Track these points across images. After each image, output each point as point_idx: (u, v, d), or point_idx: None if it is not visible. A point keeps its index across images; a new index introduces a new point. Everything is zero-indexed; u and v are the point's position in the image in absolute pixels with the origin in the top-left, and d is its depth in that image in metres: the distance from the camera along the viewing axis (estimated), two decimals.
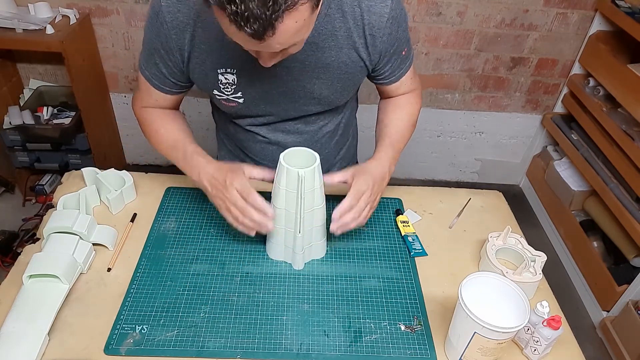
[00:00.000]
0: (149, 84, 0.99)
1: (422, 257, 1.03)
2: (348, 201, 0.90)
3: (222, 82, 0.94)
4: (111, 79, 2.31)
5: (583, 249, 2.13)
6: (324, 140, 1.12)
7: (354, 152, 1.32)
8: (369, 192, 0.92)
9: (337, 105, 1.04)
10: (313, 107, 1.01)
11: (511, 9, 2.13)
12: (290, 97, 0.98)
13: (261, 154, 1.12)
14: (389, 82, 1.05)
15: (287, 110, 1.01)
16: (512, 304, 0.79)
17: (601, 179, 2.01)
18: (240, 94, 0.96)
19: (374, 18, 0.90)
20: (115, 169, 1.11)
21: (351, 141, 1.26)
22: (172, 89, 1.00)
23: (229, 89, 0.95)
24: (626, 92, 1.91)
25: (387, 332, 0.87)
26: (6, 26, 1.87)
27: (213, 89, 0.96)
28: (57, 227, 0.95)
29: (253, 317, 0.88)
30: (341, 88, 0.98)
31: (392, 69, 1.01)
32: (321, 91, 0.97)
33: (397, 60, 1.00)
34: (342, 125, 1.14)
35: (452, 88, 2.38)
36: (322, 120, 1.08)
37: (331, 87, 0.97)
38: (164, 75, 0.96)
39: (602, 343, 1.94)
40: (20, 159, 2.15)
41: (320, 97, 0.98)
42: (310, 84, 0.95)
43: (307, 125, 1.07)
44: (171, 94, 1.01)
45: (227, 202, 0.89)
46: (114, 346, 0.82)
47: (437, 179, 2.72)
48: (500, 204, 1.19)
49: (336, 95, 1.00)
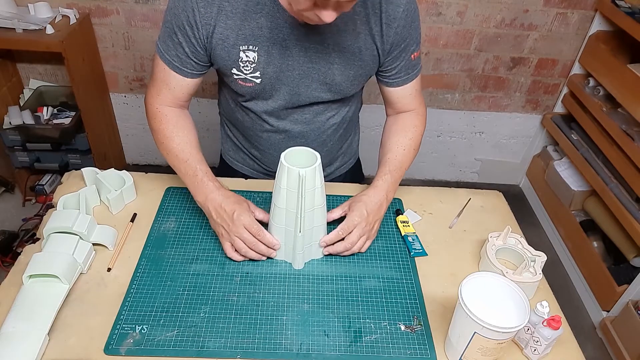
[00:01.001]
0: (169, 67, 0.98)
1: (422, 257, 1.03)
2: (335, 232, 0.97)
3: (243, 59, 0.95)
4: (111, 79, 2.31)
5: (583, 249, 2.13)
6: (329, 132, 1.13)
7: (356, 149, 1.33)
8: (363, 223, 0.97)
9: (346, 95, 1.05)
10: (324, 95, 1.03)
11: (511, 9, 2.13)
12: (305, 80, 0.99)
13: (267, 144, 1.13)
14: (396, 84, 1.06)
15: (299, 95, 1.02)
16: (512, 304, 0.79)
17: (601, 179, 2.01)
18: (259, 74, 0.97)
19: (391, 7, 0.94)
20: (115, 169, 1.11)
21: (353, 137, 1.27)
22: (193, 71, 0.99)
23: (248, 68, 0.96)
24: (626, 92, 1.91)
25: (387, 332, 0.87)
26: (6, 26, 1.87)
27: (232, 67, 0.96)
28: (57, 227, 0.95)
29: (253, 317, 0.88)
30: (353, 76, 1.00)
31: (400, 68, 1.03)
32: (334, 77, 0.99)
33: (407, 60, 1.03)
34: (347, 120, 1.15)
35: (452, 88, 2.38)
36: (330, 112, 1.09)
37: (344, 73, 0.99)
38: (186, 55, 0.96)
39: (602, 343, 1.94)
40: (20, 159, 2.15)
41: (332, 84, 1.00)
42: (326, 68, 0.97)
43: (315, 116, 1.08)
44: (191, 77, 1.00)
45: (232, 234, 0.94)
46: (114, 346, 0.82)
47: (437, 179, 2.72)
48: (500, 204, 1.19)
49: (347, 84, 1.01)
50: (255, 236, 0.94)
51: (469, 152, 2.62)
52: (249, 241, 0.94)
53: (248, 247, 0.95)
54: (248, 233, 0.94)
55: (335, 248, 0.97)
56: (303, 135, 1.10)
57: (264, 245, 0.95)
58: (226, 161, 1.28)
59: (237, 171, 1.26)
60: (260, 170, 1.24)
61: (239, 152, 1.24)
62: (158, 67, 1.00)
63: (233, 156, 1.26)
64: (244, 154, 1.23)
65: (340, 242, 0.97)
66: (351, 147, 1.28)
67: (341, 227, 0.97)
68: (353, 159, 1.32)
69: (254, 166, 1.24)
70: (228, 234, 0.95)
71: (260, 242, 0.94)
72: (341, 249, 0.97)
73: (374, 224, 1.00)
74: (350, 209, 0.99)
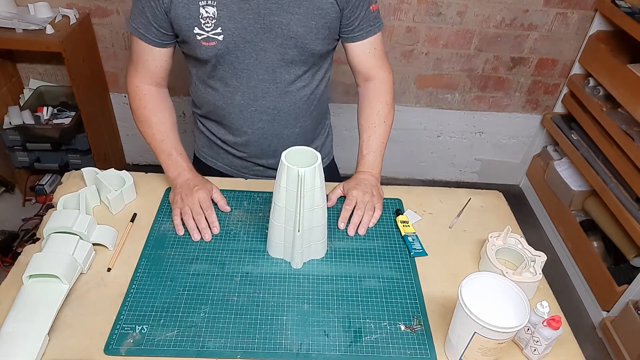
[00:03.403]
0: (136, 36, 1.04)
1: (422, 257, 1.03)
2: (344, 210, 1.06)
3: (203, 16, 0.98)
4: (111, 79, 2.31)
5: (583, 249, 2.13)
6: (301, 105, 1.14)
7: (330, 149, 1.36)
8: (360, 193, 1.08)
9: (313, 51, 1.06)
10: (290, 51, 1.04)
11: (511, 9, 2.13)
12: (269, 34, 1.01)
13: (239, 121, 1.15)
14: (357, 39, 1.09)
15: (265, 51, 1.03)
16: (512, 304, 0.79)
17: (601, 179, 2.01)
18: (220, 29, 0.99)
19: None
20: (115, 169, 1.11)
21: (327, 136, 1.32)
22: (156, 39, 1.03)
23: (209, 24, 0.98)
24: (626, 92, 1.91)
25: (387, 332, 0.87)
26: (6, 26, 1.88)
27: (195, 25, 0.99)
28: (57, 227, 0.95)
29: (253, 317, 0.88)
30: (316, 28, 1.02)
31: (360, 19, 1.06)
32: (297, 29, 1.01)
33: (366, 11, 1.05)
34: (318, 94, 1.17)
35: (452, 88, 2.38)
36: (300, 83, 1.11)
37: (307, 24, 1.01)
38: (149, 21, 1.00)
39: (602, 343, 1.94)
40: (20, 159, 2.15)
41: (297, 37, 1.02)
42: (287, 20, 0.99)
43: (286, 86, 1.09)
44: (158, 46, 1.05)
45: (185, 202, 1.04)
46: (114, 346, 0.82)
47: (437, 179, 2.72)
48: (500, 204, 1.19)
49: (312, 37, 1.03)
50: (203, 210, 1.03)
51: (469, 152, 2.62)
52: (195, 211, 1.03)
53: (191, 216, 1.02)
54: (198, 205, 1.03)
55: (353, 220, 1.05)
56: (275, 108, 1.12)
57: (206, 221, 1.02)
58: (200, 159, 1.30)
59: (211, 167, 1.28)
60: (234, 166, 1.26)
61: (213, 147, 1.25)
62: (132, 41, 1.06)
63: (207, 152, 1.28)
64: (218, 147, 1.24)
65: (355, 214, 1.06)
66: (325, 148, 1.32)
67: (345, 205, 1.07)
68: (327, 158, 1.35)
69: (227, 160, 1.25)
70: (182, 201, 1.04)
71: (204, 217, 1.02)
72: (357, 219, 1.05)
73: (372, 190, 1.09)
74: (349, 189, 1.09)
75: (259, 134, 1.16)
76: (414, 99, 2.39)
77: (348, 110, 2.37)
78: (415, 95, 2.38)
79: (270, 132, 1.16)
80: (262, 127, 1.15)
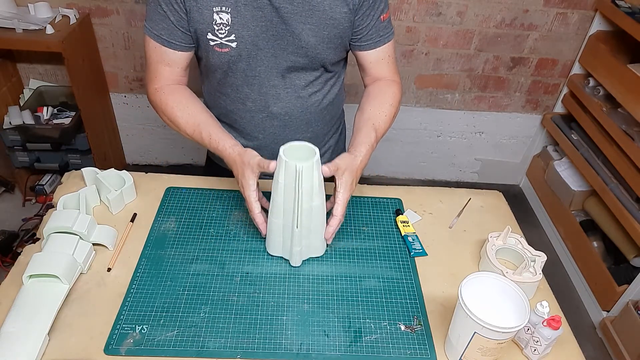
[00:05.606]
0: (158, 42, 1.01)
1: (422, 257, 1.03)
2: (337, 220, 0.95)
3: (217, 22, 0.97)
4: (111, 79, 2.31)
5: (583, 249, 2.13)
6: (312, 110, 1.13)
7: (343, 148, 1.34)
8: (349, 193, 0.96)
9: (325, 60, 1.05)
10: (302, 59, 1.03)
11: (511, 9, 2.13)
12: (280, 42, 1.00)
13: (250, 125, 1.13)
14: (368, 47, 1.07)
15: (276, 58, 1.02)
16: (512, 304, 0.79)
17: (601, 179, 2.01)
18: (234, 37, 0.98)
19: None
20: (115, 169, 1.11)
21: (341, 134, 1.30)
22: (181, 43, 1.01)
23: (223, 31, 0.97)
24: (626, 92, 1.91)
25: (387, 332, 0.87)
26: (6, 26, 1.88)
27: (208, 31, 0.98)
28: (57, 227, 0.95)
29: (253, 317, 0.88)
30: (328, 38, 1.01)
31: (370, 28, 1.04)
32: (309, 38, 1.00)
33: (377, 21, 1.03)
34: (330, 98, 1.15)
35: (452, 88, 2.38)
36: (312, 88, 1.09)
37: (318, 34, 0.99)
38: (173, 25, 0.98)
39: (602, 343, 1.94)
40: (20, 159, 2.15)
41: (307, 47, 1.01)
42: (299, 29, 0.98)
43: (297, 91, 1.08)
44: (180, 50, 1.02)
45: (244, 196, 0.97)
46: (114, 346, 0.82)
47: (437, 179, 2.72)
48: (500, 204, 1.19)
49: (323, 47, 1.02)
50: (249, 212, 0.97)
51: (469, 152, 2.62)
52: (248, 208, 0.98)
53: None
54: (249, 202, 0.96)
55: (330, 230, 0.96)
56: (287, 113, 1.10)
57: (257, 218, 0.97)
58: (213, 160, 1.29)
59: (224, 169, 1.27)
60: None
61: None
62: (149, 48, 1.03)
63: None
64: None
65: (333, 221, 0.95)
66: (338, 147, 1.30)
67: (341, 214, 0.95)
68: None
69: None
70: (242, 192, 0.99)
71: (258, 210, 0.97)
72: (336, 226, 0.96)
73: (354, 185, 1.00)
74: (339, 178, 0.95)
75: (270, 139, 1.15)
76: (414, 99, 2.39)
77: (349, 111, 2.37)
78: (415, 95, 2.38)
79: (282, 137, 1.14)
80: (273, 132, 1.14)
